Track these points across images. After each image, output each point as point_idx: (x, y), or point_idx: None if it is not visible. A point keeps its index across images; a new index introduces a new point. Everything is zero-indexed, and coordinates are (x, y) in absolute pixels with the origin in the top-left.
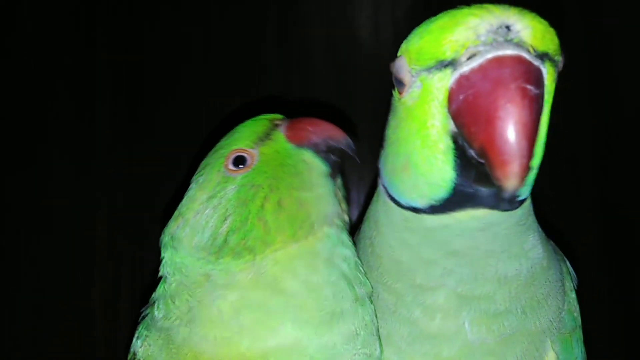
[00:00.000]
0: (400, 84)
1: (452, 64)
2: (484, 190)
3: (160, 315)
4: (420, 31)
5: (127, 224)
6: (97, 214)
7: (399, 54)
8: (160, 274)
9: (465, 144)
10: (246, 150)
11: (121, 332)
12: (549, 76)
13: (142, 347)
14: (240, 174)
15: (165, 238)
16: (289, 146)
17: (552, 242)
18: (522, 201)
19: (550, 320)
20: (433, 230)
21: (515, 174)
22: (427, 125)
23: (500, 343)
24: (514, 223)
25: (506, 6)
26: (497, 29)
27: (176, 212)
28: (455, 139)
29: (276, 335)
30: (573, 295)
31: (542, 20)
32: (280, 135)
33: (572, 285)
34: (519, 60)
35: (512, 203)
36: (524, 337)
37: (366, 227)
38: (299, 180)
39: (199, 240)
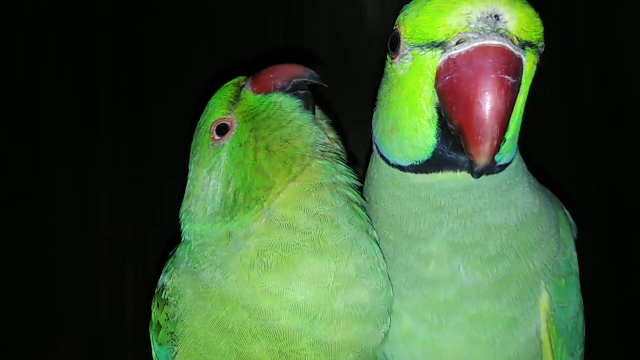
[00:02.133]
0: (395, 50)
1: (442, 45)
2: (460, 158)
3: (188, 260)
4: (418, 7)
5: (131, 214)
6: (100, 203)
7: (396, 23)
8: (182, 240)
9: (447, 118)
10: (224, 118)
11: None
12: (528, 62)
13: (171, 279)
14: (227, 140)
15: (182, 216)
16: (258, 97)
17: (548, 191)
18: (504, 166)
19: (544, 263)
20: (418, 187)
21: (486, 153)
22: (415, 96)
23: (495, 285)
24: (499, 183)
25: None
26: (487, 17)
27: (186, 193)
28: (439, 111)
29: (298, 269)
30: (571, 242)
31: (530, 10)
32: (248, 93)
33: (570, 233)
34: (502, 51)
35: (490, 170)
36: (517, 279)
37: (366, 183)
38: (276, 120)
39: (212, 208)
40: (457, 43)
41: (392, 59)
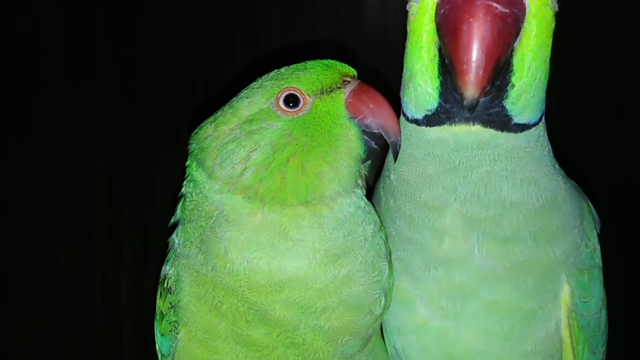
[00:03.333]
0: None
1: None
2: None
3: (180, 242)
4: None
5: (128, 195)
6: (98, 183)
7: None
8: (181, 192)
9: (444, 54)
10: (303, 94)
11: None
12: (534, 3)
13: (171, 269)
14: (285, 115)
15: (193, 144)
16: (343, 113)
17: (574, 183)
18: (523, 126)
19: (566, 254)
20: (432, 143)
21: (472, 83)
22: (420, 37)
23: (511, 270)
24: (516, 148)
25: None
26: None
27: (212, 117)
28: (439, 49)
29: (283, 271)
30: (594, 234)
31: None
32: (341, 96)
33: (593, 225)
34: None
35: (502, 123)
36: (536, 267)
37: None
38: (333, 154)
39: (221, 161)
40: None
41: (407, 9)
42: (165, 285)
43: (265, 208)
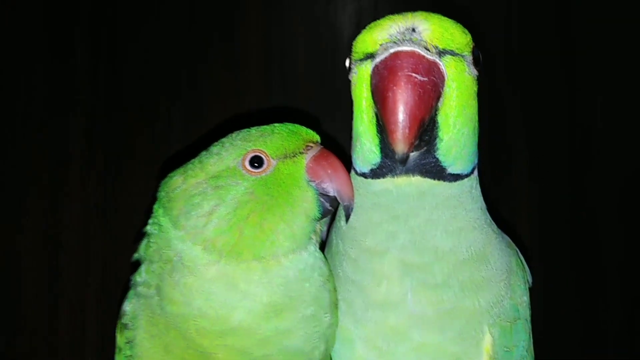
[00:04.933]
0: (349, 69)
1: (372, 56)
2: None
3: (141, 281)
4: (362, 32)
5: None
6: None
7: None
8: (146, 230)
9: (379, 117)
10: (267, 157)
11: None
12: (451, 67)
13: (130, 306)
14: (250, 175)
15: (162, 193)
16: (303, 176)
17: (506, 238)
18: (457, 176)
19: (491, 305)
20: (378, 194)
21: (400, 140)
22: (360, 102)
23: (439, 316)
24: (451, 197)
25: (419, 12)
26: (405, 30)
27: (182, 168)
28: (376, 113)
29: (228, 320)
30: (522, 288)
31: (447, 23)
32: (302, 161)
33: (522, 280)
34: (411, 54)
35: (437, 173)
36: (461, 315)
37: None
38: (290, 214)
39: (186, 212)
40: (381, 53)
41: (350, 79)
42: (123, 320)
43: (221, 261)
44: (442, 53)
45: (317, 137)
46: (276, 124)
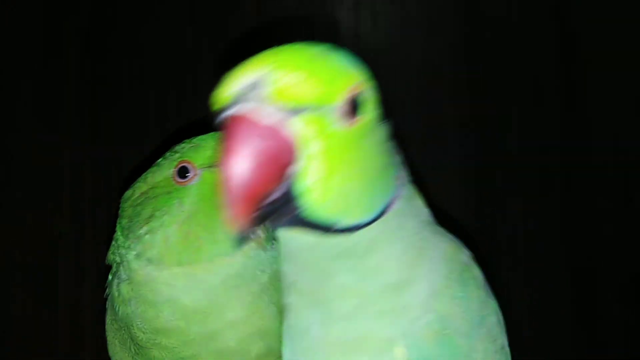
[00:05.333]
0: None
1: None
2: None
3: (108, 283)
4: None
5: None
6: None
7: None
8: (114, 236)
9: None
10: (194, 167)
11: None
12: (309, 126)
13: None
14: (178, 185)
15: (121, 204)
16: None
17: (447, 243)
18: (354, 228)
19: (405, 328)
20: (283, 238)
21: (232, 219)
22: None
23: (348, 344)
24: (355, 244)
25: (271, 60)
26: (248, 86)
27: (138, 179)
28: None
29: (156, 321)
30: (459, 295)
31: (306, 70)
32: None
33: (463, 288)
34: (243, 119)
35: (323, 230)
36: (371, 343)
37: None
38: (213, 222)
39: (129, 221)
40: (224, 113)
41: None
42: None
43: (148, 267)
44: (293, 111)
45: None
46: (208, 134)
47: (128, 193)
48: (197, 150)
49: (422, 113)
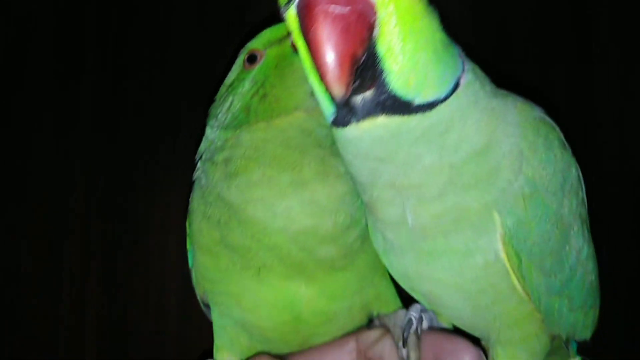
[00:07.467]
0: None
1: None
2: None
3: (196, 174)
4: None
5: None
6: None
7: None
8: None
9: None
10: (258, 51)
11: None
12: None
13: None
14: (251, 69)
15: (210, 116)
16: (290, 52)
17: (517, 110)
18: (430, 105)
19: (498, 193)
20: (350, 141)
21: (334, 82)
22: (302, 51)
23: (443, 225)
24: (433, 124)
25: None
26: None
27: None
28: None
29: (251, 185)
30: (541, 157)
31: None
32: (288, 42)
33: (545, 149)
34: None
35: (403, 108)
36: (466, 215)
37: None
38: (284, 82)
39: (216, 112)
40: None
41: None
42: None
43: (236, 132)
44: None
45: None
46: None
47: (215, 100)
48: (258, 38)
49: None
